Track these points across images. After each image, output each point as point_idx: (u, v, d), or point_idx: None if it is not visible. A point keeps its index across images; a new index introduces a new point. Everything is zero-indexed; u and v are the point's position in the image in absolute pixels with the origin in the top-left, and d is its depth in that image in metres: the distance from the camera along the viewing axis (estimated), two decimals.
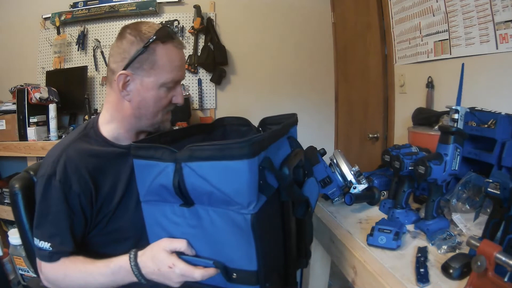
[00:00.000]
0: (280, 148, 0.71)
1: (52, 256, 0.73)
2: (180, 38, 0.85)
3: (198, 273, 0.61)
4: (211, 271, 0.61)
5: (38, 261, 0.77)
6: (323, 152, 1.16)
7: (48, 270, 0.75)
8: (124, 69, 0.76)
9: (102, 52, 2.43)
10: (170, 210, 0.63)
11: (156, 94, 0.78)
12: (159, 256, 0.63)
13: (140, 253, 0.67)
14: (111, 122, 0.83)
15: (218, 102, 2.53)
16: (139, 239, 0.80)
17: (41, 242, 0.73)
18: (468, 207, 0.87)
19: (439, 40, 1.36)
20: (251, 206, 0.55)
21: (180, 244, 0.63)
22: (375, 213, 1.02)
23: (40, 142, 1.99)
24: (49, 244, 0.72)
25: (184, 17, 2.42)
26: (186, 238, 0.63)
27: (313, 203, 0.73)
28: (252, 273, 0.59)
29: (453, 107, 0.82)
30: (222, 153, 0.54)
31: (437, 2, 1.35)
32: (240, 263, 0.59)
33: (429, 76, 1.42)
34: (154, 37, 0.75)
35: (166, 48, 0.76)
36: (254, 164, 0.55)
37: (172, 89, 0.81)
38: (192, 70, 2.42)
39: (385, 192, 1.11)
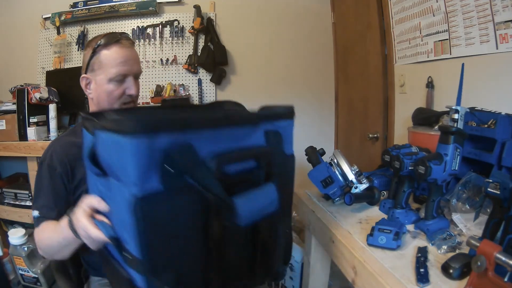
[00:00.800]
0: (239, 139, 0.63)
1: (37, 222, 0.89)
2: (128, 38, 0.99)
3: (93, 232, 0.62)
4: (103, 237, 0.60)
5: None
6: (322, 152, 1.16)
7: (35, 235, 0.89)
8: (85, 73, 0.97)
9: None
10: (98, 180, 0.64)
11: (107, 88, 0.93)
12: (76, 211, 0.68)
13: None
14: None
15: None
16: None
17: (34, 211, 0.90)
18: (468, 207, 0.87)
19: (439, 40, 1.36)
20: (136, 188, 0.51)
21: (93, 200, 0.66)
22: (375, 213, 1.02)
23: (40, 142, 1.99)
24: (38, 212, 0.89)
25: (184, 17, 2.42)
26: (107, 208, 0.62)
27: (253, 214, 0.61)
28: (138, 261, 0.55)
29: (453, 107, 0.82)
30: (118, 127, 0.51)
31: (437, 2, 1.35)
32: (130, 246, 0.55)
33: (429, 76, 1.42)
34: (99, 42, 0.93)
35: (109, 50, 0.93)
36: (142, 144, 0.50)
37: (122, 82, 0.94)
38: (192, 70, 2.42)
39: (385, 192, 1.11)
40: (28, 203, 2.10)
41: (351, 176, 1.06)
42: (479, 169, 0.91)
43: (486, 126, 0.90)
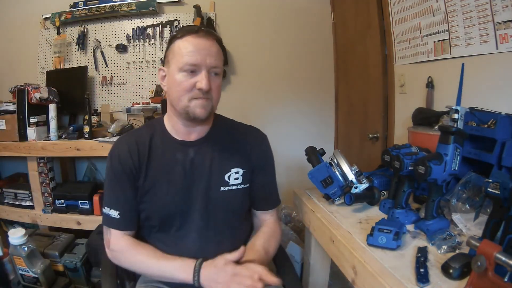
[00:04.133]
0: None
1: (116, 224, 0.92)
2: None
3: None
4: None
5: (108, 231, 0.95)
6: (322, 152, 1.16)
7: (116, 239, 0.92)
8: (163, 65, 0.95)
9: (102, 52, 2.43)
10: None
11: (177, 78, 0.87)
12: (226, 267, 0.82)
13: (205, 262, 0.85)
14: (167, 118, 0.99)
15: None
16: (159, 228, 0.94)
17: (112, 210, 0.92)
18: (468, 207, 0.87)
19: (439, 40, 1.36)
20: None
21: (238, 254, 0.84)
22: (375, 213, 1.02)
23: (40, 142, 1.98)
24: (118, 213, 0.91)
25: (184, 17, 2.42)
26: None
27: None
28: None
29: (453, 107, 0.82)
30: None
31: (437, 2, 1.35)
32: None
33: (429, 76, 1.42)
34: (175, 34, 0.91)
35: (182, 40, 0.88)
36: None
37: (193, 74, 0.87)
38: None
39: (385, 192, 1.11)
40: (28, 203, 2.10)
41: (351, 176, 1.06)
42: (479, 169, 0.91)
43: (486, 126, 0.90)
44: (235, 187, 0.96)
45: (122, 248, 0.91)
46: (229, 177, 0.95)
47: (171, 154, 0.94)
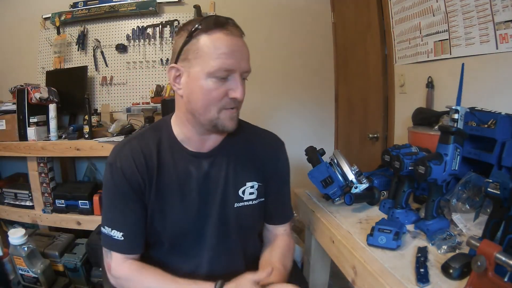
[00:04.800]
0: None
1: (119, 248, 0.80)
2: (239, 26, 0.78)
3: None
4: None
5: (108, 253, 0.83)
6: (322, 152, 1.16)
7: (117, 265, 0.81)
8: (175, 62, 0.77)
9: (102, 52, 2.43)
10: None
11: (204, 85, 0.73)
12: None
13: (227, 285, 0.74)
14: (176, 123, 0.85)
15: None
16: (171, 247, 0.84)
17: (114, 231, 0.79)
18: (468, 207, 0.87)
19: (439, 40, 1.36)
20: None
21: (263, 275, 0.73)
22: (375, 213, 1.02)
23: (40, 142, 1.98)
24: (121, 234, 0.79)
25: (184, 17, 2.42)
26: None
27: None
28: None
29: (453, 107, 0.82)
30: None
31: (437, 2, 1.35)
32: None
33: (429, 76, 1.42)
34: (197, 26, 0.72)
35: (211, 36, 0.72)
36: None
37: (225, 81, 0.73)
38: None
39: (385, 192, 1.11)
40: (28, 203, 2.10)
41: (351, 176, 1.06)
42: (479, 169, 0.91)
43: (486, 126, 0.90)
44: (250, 202, 0.86)
45: (126, 274, 0.79)
46: (243, 192, 0.85)
47: (183, 166, 0.82)
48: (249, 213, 0.87)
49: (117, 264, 0.80)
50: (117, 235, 0.79)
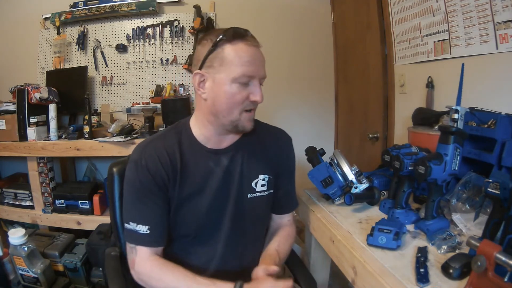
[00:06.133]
0: None
1: (144, 241, 0.85)
2: (254, 37, 0.89)
3: None
4: None
5: (133, 249, 0.87)
6: (322, 152, 1.16)
7: (143, 261, 0.85)
8: (199, 69, 0.84)
9: (102, 52, 2.43)
10: None
11: (229, 89, 0.81)
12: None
13: (245, 285, 0.77)
14: (195, 124, 0.92)
15: None
16: (194, 238, 0.90)
17: (140, 225, 0.84)
18: (468, 207, 0.87)
19: (439, 40, 1.36)
20: None
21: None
22: (375, 213, 1.02)
23: (40, 142, 1.98)
24: (147, 228, 0.84)
25: (184, 17, 2.42)
26: None
27: None
28: None
29: (453, 107, 0.82)
30: None
31: (437, 2, 1.35)
32: None
33: (429, 76, 1.42)
34: (221, 36, 0.81)
35: (234, 46, 0.81)
36: None
37: (246, 86, 0.82)
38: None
39: (385, 192, 1.11)
40: (28, 203, 2.10)
41: (351, 176, 1.06)
42: (479, 169, 0.91)
43: (486, 126, 0.90)
44: (261, 193, 0.94)
45: (148, 271, 0.84)
46: (256, 184, 0.93)
47: (204, 163, 0.89)
48: (260, 203, 0.95)
49: (142, 259, 0.85)
50: (143, 229, 0.84)
